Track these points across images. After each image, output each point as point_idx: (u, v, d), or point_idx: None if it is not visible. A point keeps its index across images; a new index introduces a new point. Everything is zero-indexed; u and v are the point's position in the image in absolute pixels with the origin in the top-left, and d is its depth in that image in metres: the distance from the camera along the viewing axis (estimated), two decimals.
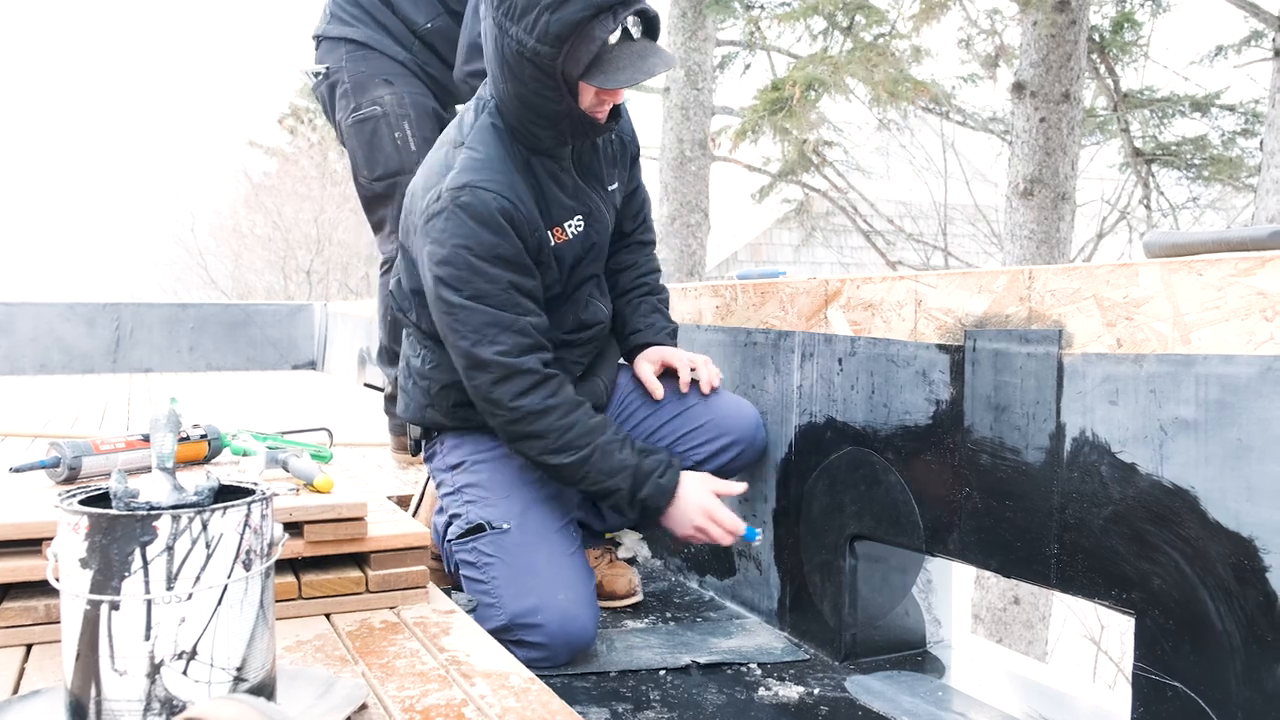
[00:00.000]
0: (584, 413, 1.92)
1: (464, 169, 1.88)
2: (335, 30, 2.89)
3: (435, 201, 1.87)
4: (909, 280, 1.83)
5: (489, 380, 1.88)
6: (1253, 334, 1.26)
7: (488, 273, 1.85)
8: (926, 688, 1.90)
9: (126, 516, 1.11)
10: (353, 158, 2.91)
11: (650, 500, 1.94)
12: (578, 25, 1.73)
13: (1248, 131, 7.83)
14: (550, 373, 1.91)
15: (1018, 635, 6.85)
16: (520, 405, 1.88)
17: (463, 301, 1.86)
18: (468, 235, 1.84)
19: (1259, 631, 1.26)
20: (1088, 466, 1.48)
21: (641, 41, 1.82)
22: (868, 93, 7.42)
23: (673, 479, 1.95)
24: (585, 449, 1.90)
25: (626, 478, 1.92)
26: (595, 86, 1.82)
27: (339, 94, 2.89)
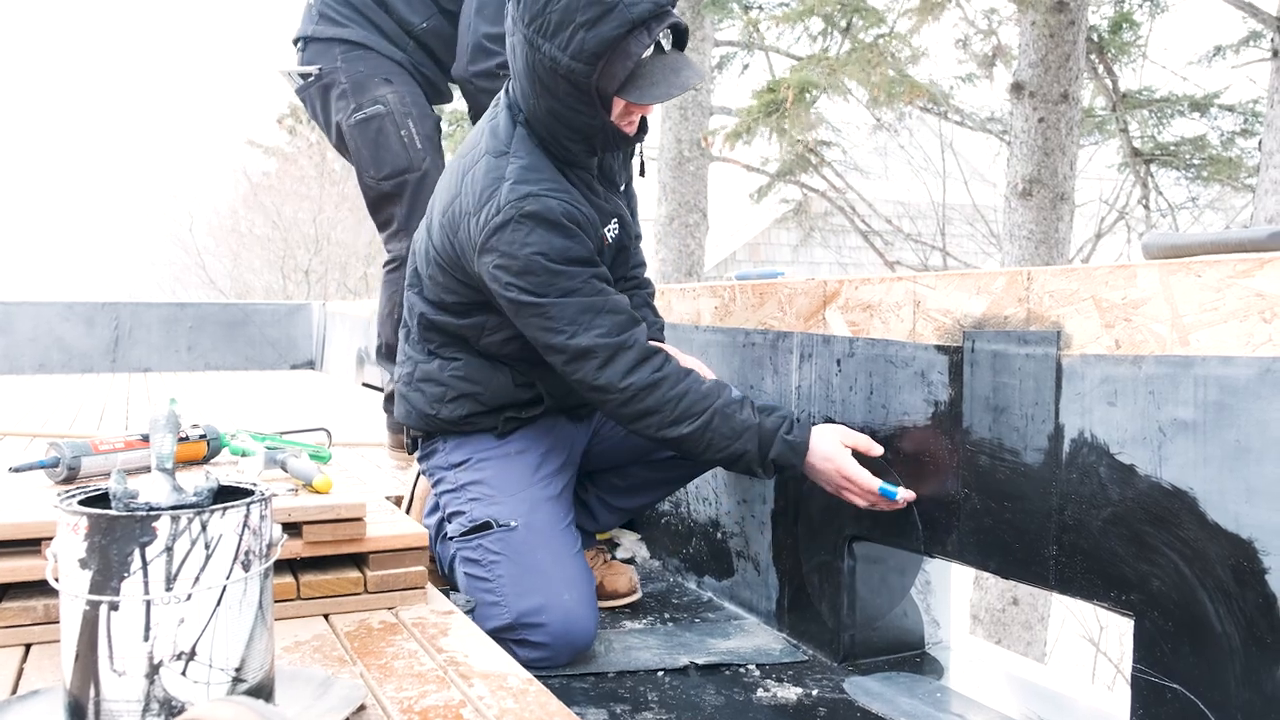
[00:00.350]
0: (694, 379, 1.89)
1: (519, 179, 1.86)
2: (328, 31, 2.86)
3: (496, 215, 1.84)
4: (907, 281, 1.84)
5: (595, 366, 1.86)
6: (1251, 335, 1.27)
7: (567, 272, 1.85)
8: (925, 689, 1.90)
9: (126, 517, 1.11)
10: (357, 158, 2.89)
11: (782, 459, 1.87)
12: (613, 42, 1.73)
13: (1247, 132, 7.84)
14: (651, 347, 1.89)
15: (1016, 636, 6.86)
16: (630, 383, 1.85)
17: (551, 300, 1.84)
18: (540, 242, 1.83)
19: (1258, 633, 1.26)
20: (1086, 468, 1.48)
21: (672, 54, 1.83)
22: (865, 93, 7.43)
23: (801, 435, 1.88)
24: (704, 414, 1.86)
25: (752, 438, 1.87)
26: (631, 102, 1.83)
27: (335, 95, 2.86)
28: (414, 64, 2.95)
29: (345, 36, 2.85)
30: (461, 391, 2.07)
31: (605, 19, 1.71)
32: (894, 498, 1.80)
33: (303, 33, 2.91)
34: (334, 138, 2.95)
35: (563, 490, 2.11)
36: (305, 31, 2.90)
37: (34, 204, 36.49)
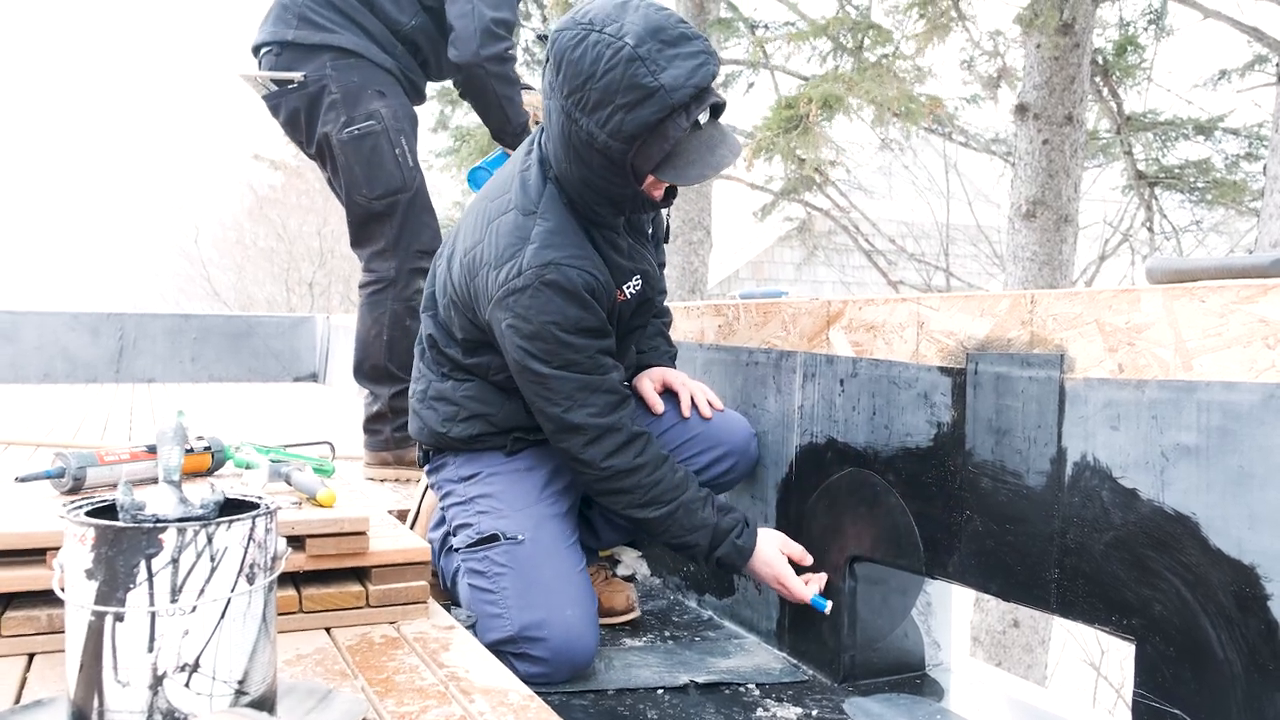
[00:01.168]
0: (668, 469, 1.96)
1: (545, 244, 1.88)
2: (314, 37, 2.75)
3: (516, 277, 1.87)
4: (911, 302, 1.84)
5: (581, 442, 1.92)
6: (1255, 361, 1.27)
7: (575, 344, 1.89)
8: (925, 710, 1.90)
9: (133, 528, 1.12)
10: (347, 174, 2.81)
11: (725, 559, 1.98)
12: (652, 126, 1.73)
13: (1251, 155, 7.85)
14: (637, 431, 1.95)
15: (1017, 659, 6.83)
16: (610, 465, 1.93)
17: (553, 372, 1.89)
18: (555, 311, 1.86)
19: (1260, 660, 1.26)
20: (1089, 491, 1.49)
21: (709, 129, 1.83)
22: (872, 112, 7.44)
23: (749, 541, 1.98)
24: (670, 505, 1.95)
25: (706, 535, 1.96)
26: (667, 182, 1.84)
27: (325, 105, 2.77)
28: (402, 70, 2.88)
29: (336, 43, 2.76)
30: (474, 412, 2.10)
31: (645, 103, 1.70)
32: (823, 609, 1.96)
33: (277, 37, 2.78)
34: (313, 148, 2.86)
35: (569, 508, 2.11)
36: (282, 36, 2.77)
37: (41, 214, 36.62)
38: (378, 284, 2.91)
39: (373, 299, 2.93)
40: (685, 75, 1.71)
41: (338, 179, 2.87)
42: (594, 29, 1.73)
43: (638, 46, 1.69)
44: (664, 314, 2.36)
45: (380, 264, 2.90)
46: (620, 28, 1.71)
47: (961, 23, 7.10)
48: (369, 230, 2.89)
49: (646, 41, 1.70)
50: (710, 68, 1.75)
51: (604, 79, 1.71)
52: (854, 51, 7.36)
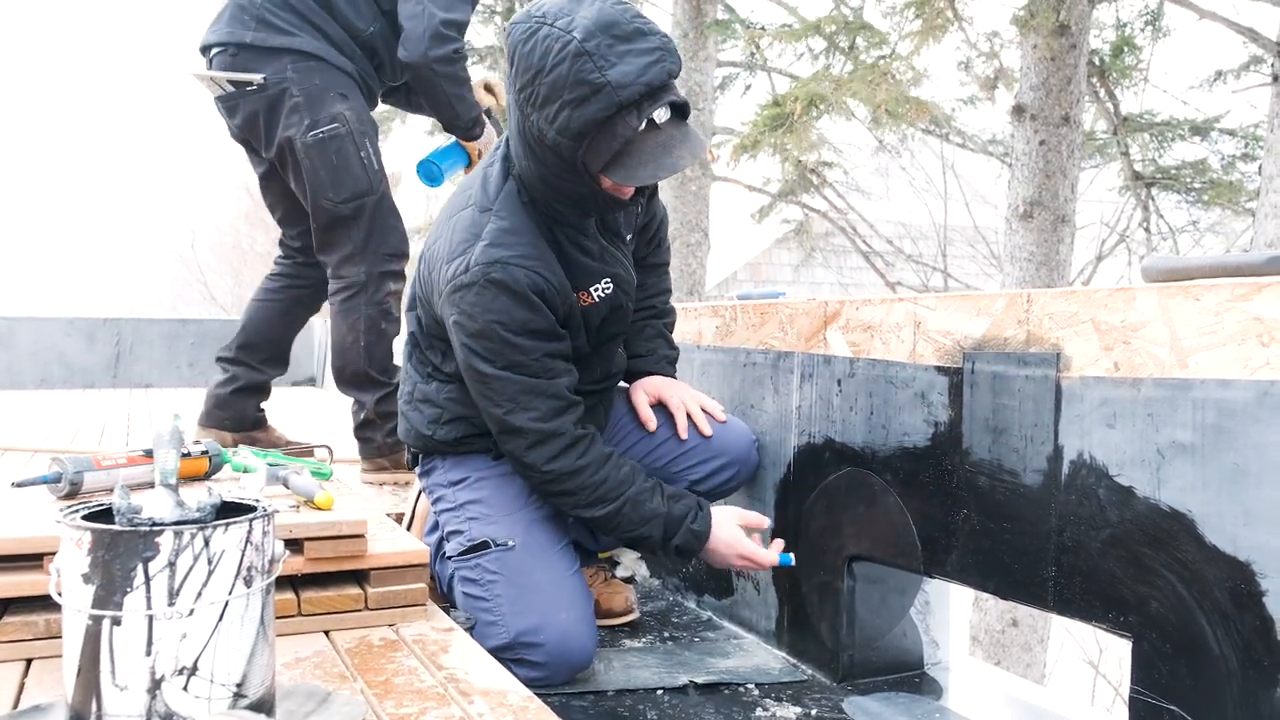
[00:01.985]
0: (613, 466, 1.94)
1: (494, 242, 1.86)
2: (274, 40, 2.71)
3: (464, 274, 1.85)
4: (908, 302, 1.85)
5: (523, 445, 1.91)
6: (1249, 359, 1.27)
7: (521, 345, 1.86)
8: (924, 709, 1.90)
9: (130, 532, 1.12)
10: (311, 179, 2.77)
11: (684, 546, 1.97)
12: (599, 124, 1.70)
13: (1247, 156, 7.87)
14: (581, 433, 1.93)
15: (1016, 658, 6.83)
16: (553, 469, 1.91)
17: (496, 372, 1.87)
18: (500, 310, 1.84)
19: (1255, 656, 1.26)
20: (1085, 489, 1.49)
21: (668, 129, 1.77)
22: (868, 113, 7.45)
23: (704, 524, 1.97)
24: (616, 501, 1.93)
25: (658, 525, 1.95)
26: (616, 182, 1.80)
27: (287, 109, 2.73)
28: (360, 74, 2.86)
29: (297, 47, 2.73)
30: (456, 415, 2.08)
31: (591, 100, 1.67)
32: (789, 563, 1.99)
33: (234, 38, 2.73)
34: (271, 152, 2.81)
35: (559, 511, 2.11)
36: (239, 38, 2.73)
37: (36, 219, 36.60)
38: (349, 289, 2.89)
39: (345, 305, 2.90)
40: (636, 72, 1.67)
41: (300, 184, 2.82)
42: (545, 22, 1.70)
43: (585, 41, 1.66)
44: (666, 314, 2.34)
45: (349, 269, 2.87)
46: (570, 22, 1.68)
47: (958, 24, 7.11)
48: (335, 235, 2.86)
49: (595, 36, 1.66)
50: (666, 65, 1.71)
51: (551, 74, 1.69)
52: (847, 52, 7.37)
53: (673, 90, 1.75)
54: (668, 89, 1.73)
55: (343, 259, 2.87)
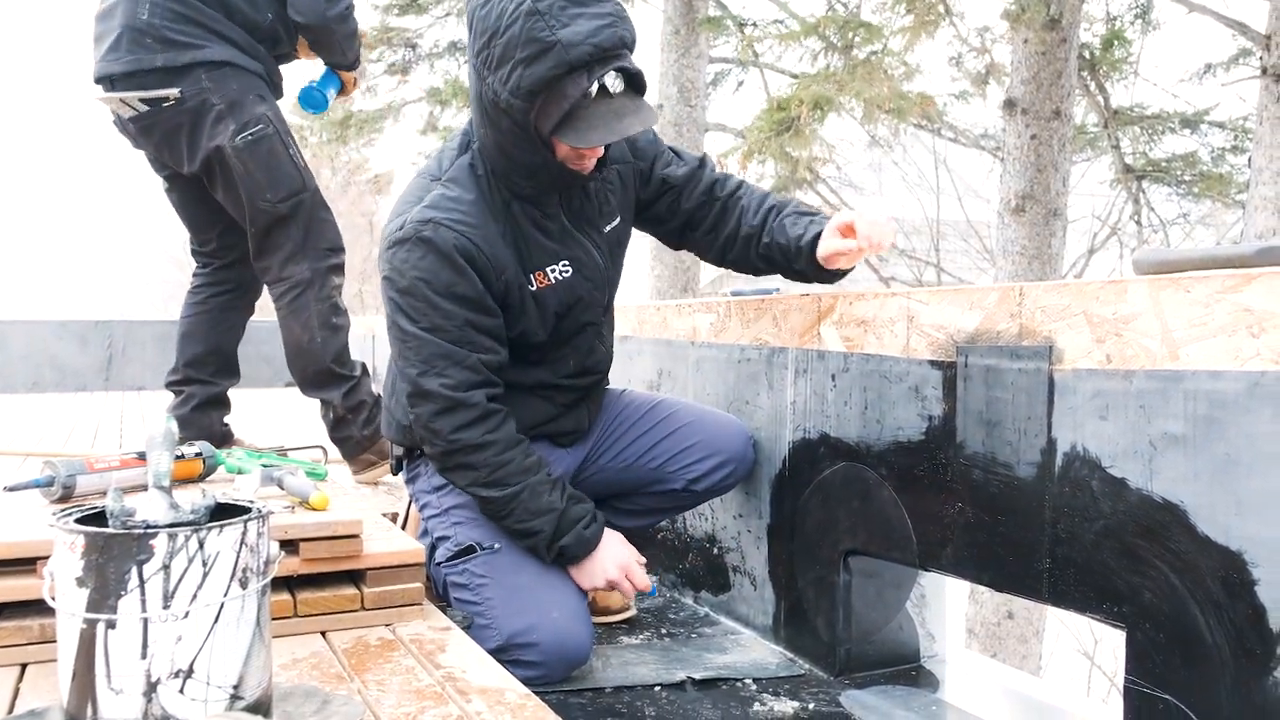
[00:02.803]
0: (520, 451, 1.93)
1: (432, 204, 1.87)
2: (184, 57, 2.66)
3: (398, 230, 1.87)
4: (901, 297, 1.85)
5: (431, 410, 1.89)
6: (1240, 350, 1.28)
7: (443, 308, 1.86)
8: (921, 702, 1.91)
9: (123, 535, 1.12)
10: (247, 182, 2.73)
11: (569, 549, 1.95)
12: (550, 82, 1.71)
13: (1237, 148, 7.90)
14: (493, 408, 1.91)
15: (1012, 650, 6.85)
16: (458, 438, 1.89)
17: (416, 331, 1.87)
18: (426, 269, 1.84)
19: (1248, 644, 1.27)
20: (1078, 481, 1.49)
21: (620, 98, 1.78)
22: (861, 110, 7.46)
23: (596, 532, 1.97)
24: (515, 486, 1.91)
25: (551, 520, 1.93)
26: (565, 144, 1.80)
27: (211, 119, 2.69)
28: (268, 73, 2.85)
29: (206, 58, 2.68)
30: None
31: (541, 58, 1.69)
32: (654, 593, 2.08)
33: (142, 65, 2.67)
34: (196, 165, 2.76)
35: None
36: (147, 64, 2.67)
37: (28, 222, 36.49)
38: (295, 289, 2.86)
39: (294, 305, 2.87)
40: (586, 33, 1.68)
41: (232, 191, 2.78)
42: None
43: (538, 1, 1.68)
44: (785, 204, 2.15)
45: (292, 268, 2.85)
46: None
47: (949, 18, 7.13)
48: (274, 238, 2.83)
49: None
50: (617, 30, 1.72)
51: (505, 34, 1.70)
52: (843, 50, 7.38)
53: (625, 57, 1.75)
54: (619, 55, 1.74)
55: (285, 260, 2.84)
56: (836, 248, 1.97)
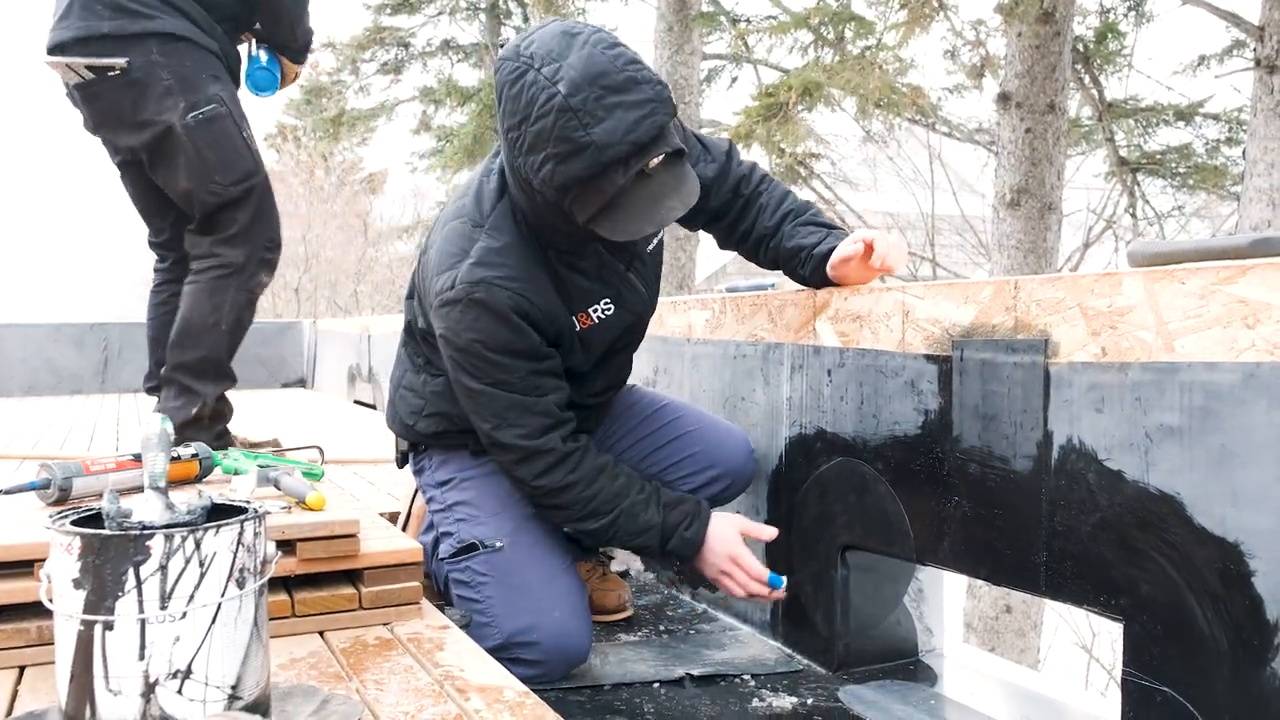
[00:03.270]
0: (606, 478, 1.91)
1: (480, 260, 1.81)
2: (134, 26, 2.57)
3: (449, 290, 1.82)
4: (896, 291, 1.85)
5: (510, 460, 1.90)
6: (1235, 341, 1.28)
7: (504, 364, 1.84)
8: (919, 696, 1.91)
9: (119, 536, 1.12)
10: (197, 163, 2.65)
11: (677, 553, 1.95)
12: (584, 181, 1.62)
13: (1231, 140, 7.90)
14: (569, 449, 1.89)
15: (1010, 644, 6.86)
16: (541, 484, 1.89)
17: (482, 388, 1.85)
18: (482, 330, 1.81)
19: (1245, 636, 1.27)
20: (1075, 474, 1.49)
21: (659, 175, 1.68)
22: (855, 104, 7.45)
23: (698, 533, 1.94)
24: (610, 514, 1.91)
25: (654, 535, 1.93)
26: (602, 234, 1.72)
27: (159, 92, 2.59)
28: (224, 52, 2.76)
29: (159, 29, 2.59)
30: (437, 409, 2.08)
31: (575, 158, 1.59)
32: (779, 586, 1.93)
33: (90, 32, 2.56)
34: (144, 138, 2.66)
35: None
36: (95, 30, 2.56)
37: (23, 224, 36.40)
38: (222, 269, 2.74)
39: (214, 284, 2.73)
40: (624, 130, 1.58)
41: (174, 171, 2.69)
42: (532, 66, 1.60)
43: (571, 96, 1.56)
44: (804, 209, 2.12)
45: (227, 249, 2.74)
46: (557, 70, 1.58)
47: (943, 12, 7.12)
48: (221, 218, 2.74)
49: (582, 90, 1.57)
50: (657, 119, 1.61)
51: (537, 124, 1.60)
52: (835, 43, 7.37)
53: (664, 142, 1.65)
54: (659, 141, 1.64)
55: (223, 239, 2.75)
56: (847, 253, 1.95)
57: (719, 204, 2.13)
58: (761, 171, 2.17)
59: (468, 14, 12.86)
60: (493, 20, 12.92)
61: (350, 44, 12.34)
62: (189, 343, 2.77)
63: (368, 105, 12.70)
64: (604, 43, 1.63)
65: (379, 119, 12.62)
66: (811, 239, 2.03)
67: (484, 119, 10.20)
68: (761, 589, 1.94)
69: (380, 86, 12.78)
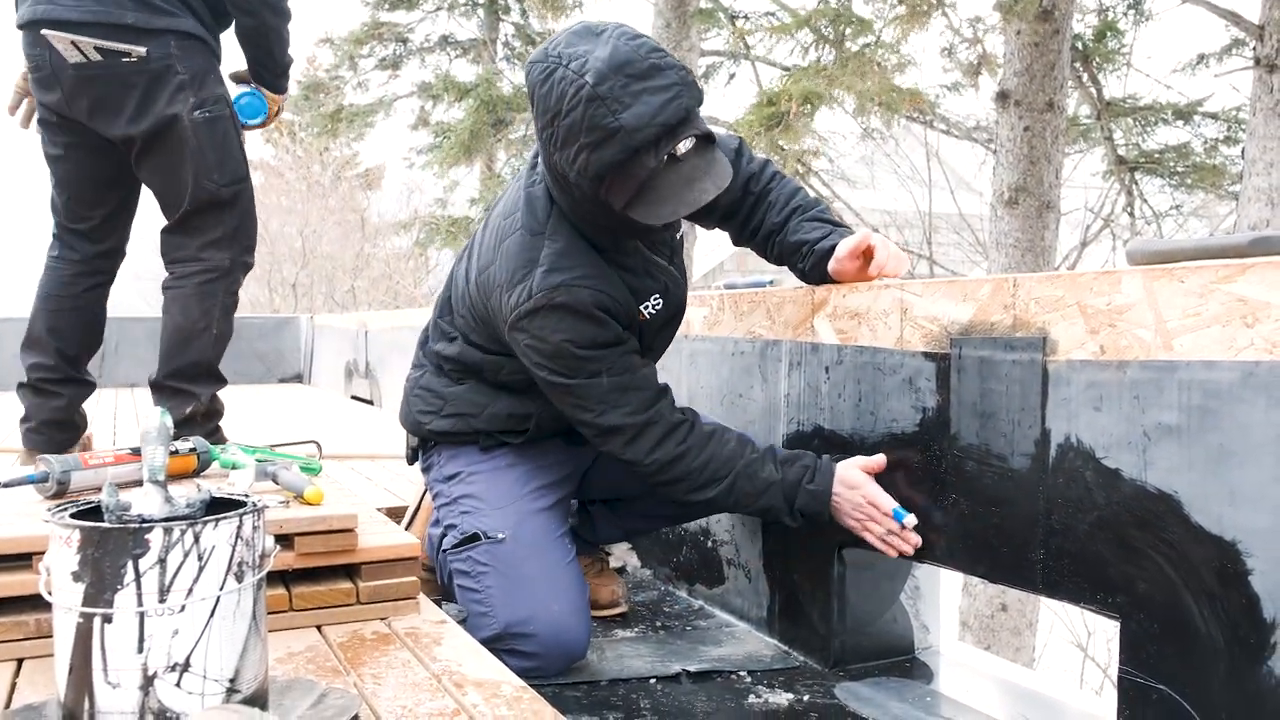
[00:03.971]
0: (717, 443, 1.92)
1: (552, 266, 1.84)
2: (157, 21, 2.59)
3: (526, 301, 1.84)
4: (894, 289, 1.85)
5: (622, 442, 1.90)
6: (1233, 340, 1.28)
7: (595, 356, 1.86)
8: (915, 693, 1.91)
9: (119, 529, 1.12)
10: (198, 158, 2.67)
11: (809, 509, 1.91)
12: (617, 166, 1.67)
13: (1230, 139, 7.91)
14: (677, 419, 1.91)
15: (1005, 642, 6.87)
16: (655, 458, 1.90)
17: (578, 383, 1.87)
18: (568, 330, 1.84)
19: (1242, 634, 1.27)
20: (1073, 472, 1.50)
21: (691, 160, 1.72)
22: (854, 103, 7.45)
23: (824, 483, 1.90)
24: (726, 479, 1.91)
25: (777, 493, 1.91)
26: (637, 219, 1.75)
27: (172, 85, 2.62)
28: (218, 58, 2.80)
29: (180, 28, 2.63)
30: (457, 411, 2.11)
31: (606, 145, 1.64)
32: (902, 519, 1.82)
33: (110, 19, 2.56)
34: (143, 127, 2.65)
35: (555, 503, 2.11)
36: (117, 19, 2.57)
37: (19, 217, 36.31)
38: (210, 273, 2.76)
39: (204, 289, 2.75)
40: (651, 113, 1.63)
41: (170, 161, 2.71)
42: (560, 63, 1.66)
43: (598, 85, 1.62)
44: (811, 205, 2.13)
45: (214, 253, 2.76)
46: (584, 64, 1.64)
47: (941, 9, 7.12)
48: (208, 218, 2.75)
49: (609, 79, 1.62)
50: (683, 101, 1.66)
51: (568, 118, 1.66)
52: (835, 43, 7.37)
53: (692, 124, 1.70)
54: (687, 123, 1.69)
55: (209, 242, 2.76)
56: (850, 249, 1.96)
57: (730, 201, 2.15)
58: (773, 169, 2.18)
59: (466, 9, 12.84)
60: (491, 16, 12.92)
61: (348, 39, 12.33)
62: (179, 349, 2.78)
63: (366, 101, 12.69)
64: (627, 35, 1.69)
65: (377, 114, 12.61)
66: (815, 234, 2.05)
67: (481, 115, 10.19)
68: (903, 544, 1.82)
69: (378, 82, 12.77)
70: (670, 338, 2.16)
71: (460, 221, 11.40)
